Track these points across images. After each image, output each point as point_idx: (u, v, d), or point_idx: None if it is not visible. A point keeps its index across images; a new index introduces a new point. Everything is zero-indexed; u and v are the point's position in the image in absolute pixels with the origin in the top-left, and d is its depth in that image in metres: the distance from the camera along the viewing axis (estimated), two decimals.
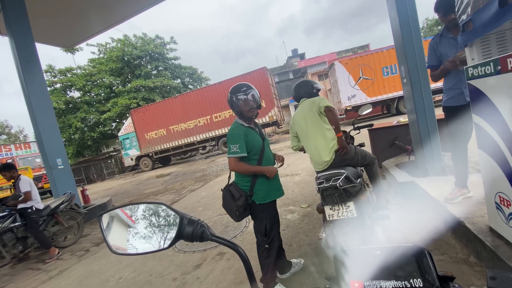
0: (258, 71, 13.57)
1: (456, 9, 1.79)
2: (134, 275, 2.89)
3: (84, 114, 22.11)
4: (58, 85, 22.44)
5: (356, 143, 2.81)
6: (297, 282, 2.11)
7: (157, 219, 0.45)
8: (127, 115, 18.90)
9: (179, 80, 26.48)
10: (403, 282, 0.37)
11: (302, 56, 34.05)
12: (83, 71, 23.56)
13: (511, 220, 1.56)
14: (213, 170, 9.55)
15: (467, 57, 1.83)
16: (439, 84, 2.40)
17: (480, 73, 1.54)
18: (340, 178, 1.83)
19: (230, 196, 1.92)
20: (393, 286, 0.37)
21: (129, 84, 23.06)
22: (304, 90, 2.39)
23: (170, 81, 23.85)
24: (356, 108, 13.04)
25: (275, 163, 2.04)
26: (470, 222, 1.99)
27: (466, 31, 1.71)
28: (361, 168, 2.45)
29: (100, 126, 23.34)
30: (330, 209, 1.86)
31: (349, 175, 1.88)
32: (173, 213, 0.43)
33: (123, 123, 19.37)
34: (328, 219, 1.87)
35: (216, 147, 15.52)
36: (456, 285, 0.37)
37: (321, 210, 1.98)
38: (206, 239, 0.41)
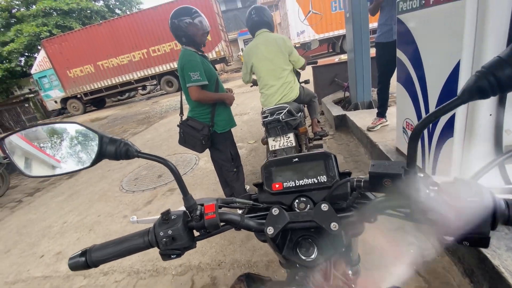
0: None
1: None
2: (80, 218, 2.84)
3: None
4: None
5: (301, 79, 2.93)
6: None
7: (75, 140, 0.42)
8: (39, 47, 15.26)
9: (102, 2, 21.54)
10: (312, 179, 0.46)
11: None
12: None
13: None
14: (156, 112, 8.98)
15: None
16: (376, 24, 2.55)
17: (408, 7, 1.65)
18: (283, 112, 1.97)
19: (191, 129, 1.95)
20: (305, 183, 0.47)
21: (34, 6, 17.89)
22: (265, 20, 2.13)
23: (90, 3, 19.21)
24: (304, 45, 13.02)
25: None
26: (383, 145, 2.41)
27: None
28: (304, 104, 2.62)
29: (4, 62, 18.48)
30: (273, 140, 2.05)
31: (291, 109, 2.03)
32: (91, 132, 0.41)
33: (35, 57, 15.69)
34: (271, 149, 2.07)
35: (158, 87, 14.15)
36: (351, 177, 0.47)
37: (265, 142, 2.17)
38: (132, 156, 0.42)
